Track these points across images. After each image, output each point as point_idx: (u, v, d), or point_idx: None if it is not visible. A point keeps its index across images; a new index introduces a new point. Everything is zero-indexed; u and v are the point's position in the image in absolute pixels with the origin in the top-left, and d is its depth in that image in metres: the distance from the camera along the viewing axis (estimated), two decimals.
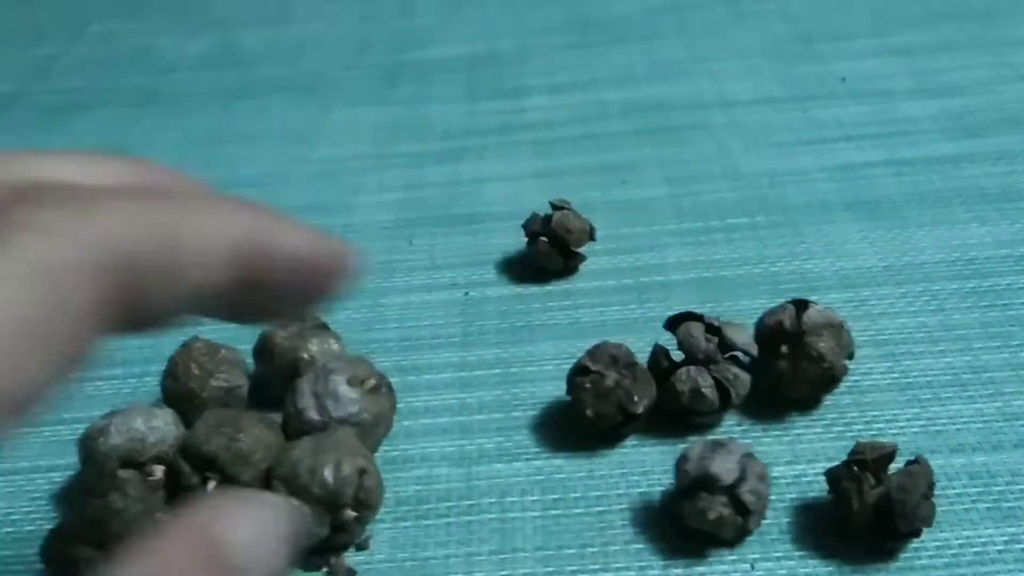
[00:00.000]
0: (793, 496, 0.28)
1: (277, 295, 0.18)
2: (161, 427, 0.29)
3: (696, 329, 0.30)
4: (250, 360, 0.33)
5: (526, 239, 0.39)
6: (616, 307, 0.36)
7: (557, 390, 0.33)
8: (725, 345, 0.30)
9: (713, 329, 0.30)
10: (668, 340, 0.31)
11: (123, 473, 0.27)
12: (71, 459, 0.31)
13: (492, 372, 0.34)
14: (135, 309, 0.16)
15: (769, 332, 0.30)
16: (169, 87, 0.59)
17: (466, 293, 0.38)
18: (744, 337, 0.30)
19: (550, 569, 0.27)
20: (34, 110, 0.58)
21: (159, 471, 0.28)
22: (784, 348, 0.30)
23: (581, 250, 0.38)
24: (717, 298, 0.36)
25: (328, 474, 0.26)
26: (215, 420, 0.28)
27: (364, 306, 0.38)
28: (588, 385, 0.29)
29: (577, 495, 0.29)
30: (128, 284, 0.15)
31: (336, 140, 0.51)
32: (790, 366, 0.30)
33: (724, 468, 0.26)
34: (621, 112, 0.51)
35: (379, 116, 0.53)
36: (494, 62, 0.58)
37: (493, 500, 0.29)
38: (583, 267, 0.39)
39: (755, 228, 0.40)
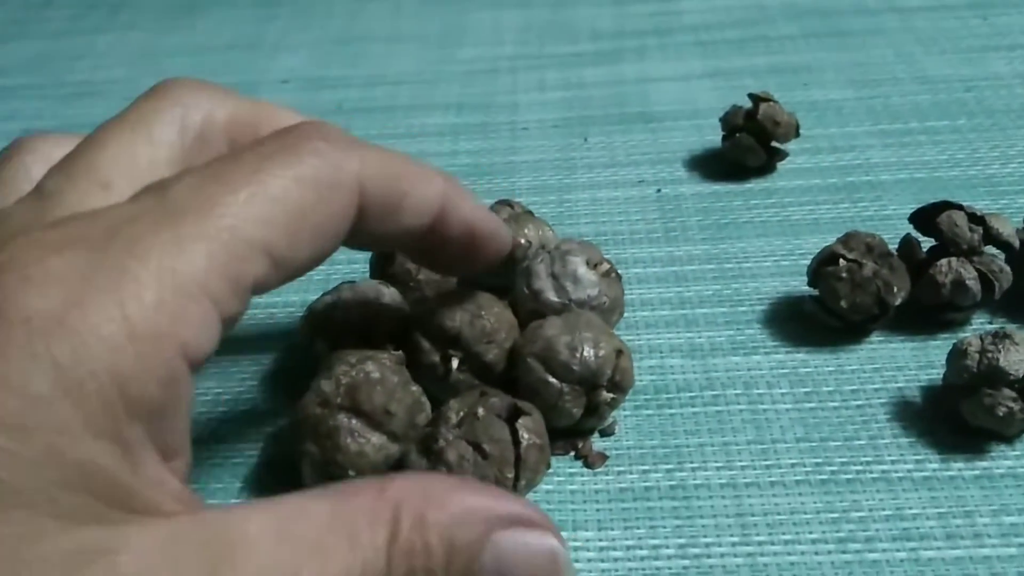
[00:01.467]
0: None
1: (450, 251, 0.24)
2: (391, 303, 0.28)
3: (959, 218, 0.28)
4: None
5: (722, 133, 0.37)
6: (827, 205, 0.34)
7: (784, 286, 0.31)
8: (989, 236, 0.28)
9: (976, 219, 0.28)
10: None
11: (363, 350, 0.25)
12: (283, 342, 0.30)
13: (706, 267, 0.32)
14: (363, 228, 0.21)
15: None
16: None
17: (658, 190, 0.36)
18: (1009, 229, 0.28)
19: (818, 460, 0.25)
20: (155, 8, 0.56)
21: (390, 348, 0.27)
22: None
23: (783, 147, 0.36)
24: (935, 198, 0.34)
25: (588, 352, 0.25)
26: (454, 297, 0.27)
27: (550, 201, 0.36)
28: (843, 274, 0.27)
29: (830, 389, 0.27)
30: (364, 207, 0.21)
31: (480, 41, 0.49)
32: None
33: (1013, 360, 0.24)
34: (784, 16, 0.48)
35: (521, 18, 0.51)
36: None
37: (739, 392, 0.27)
38: (780, 166, 0.37)
39: (960, 131, 0.38)
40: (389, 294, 0.28)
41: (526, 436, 0.23)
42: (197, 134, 0.21)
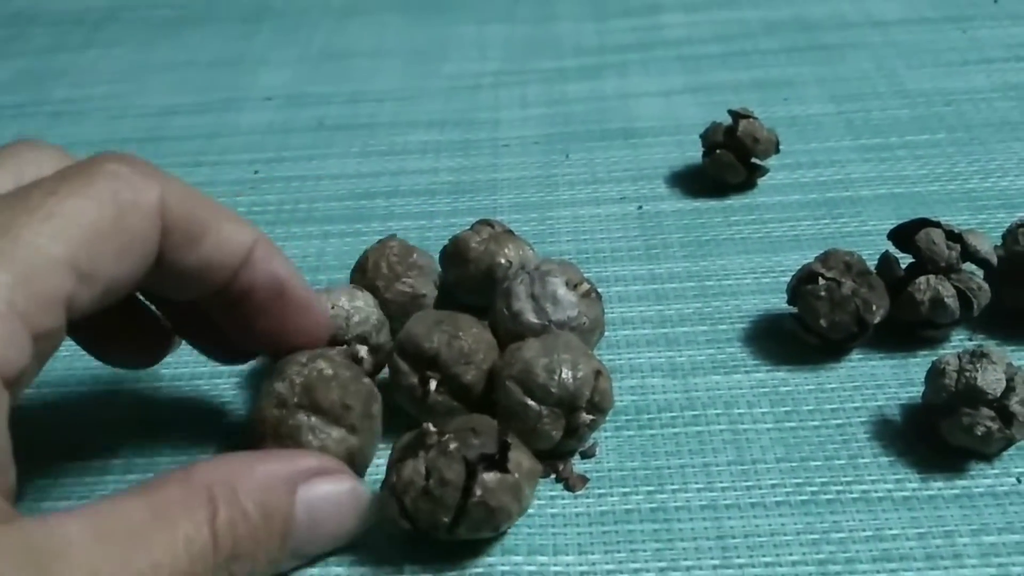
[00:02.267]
0: None
1: (258, 309, 0.24)
2: (363, 307, 0.27)
3: (937, 236, 0.28)
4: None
5: (702, 150, 0.37)
6: (808, 221, 0.34)
7: (764, 303, 0.31)
8: (966, 253, 0.28)
9: (954, 236, 0.28)
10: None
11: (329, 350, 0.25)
12: None
13: (687, 285, 0.32)
14: (166, 255, 0.21)
15: (1023, 255, 0.28)
16: (276, 4, 0.56)
17: (639, 207, 0.36)
18: (986, 246, 0.28)
19: (798, 480, 0.25)
20: (139, 25, 0.56)
21: (363, 350, 0.27)
22: None
23: (763, 163, 0.36)
24: (915, 213, 0.34)
25: (567, 374, 0.24)
26: (431, 318, 0.26)
27: (531, 219, 0.36)
28: (822, 293, 0.27)
29: (810, 408, 0.27)
30: (166, 231, 0.21)
31: (464, 57, 0.49)
32: None
33: (990, 380, 0.24)
34: (765, 31, 0.48)
35: (505, 33, 0.51)
36: None
37: (720, 411, 0.27)
38: (761, 182, 0.37)
39: (939, 145, 0.38)
40: (363, 298, 0.28)
41: (479, 492, 0.22)
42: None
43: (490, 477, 0.22)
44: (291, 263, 0.24)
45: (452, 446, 0.22)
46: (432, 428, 0.23)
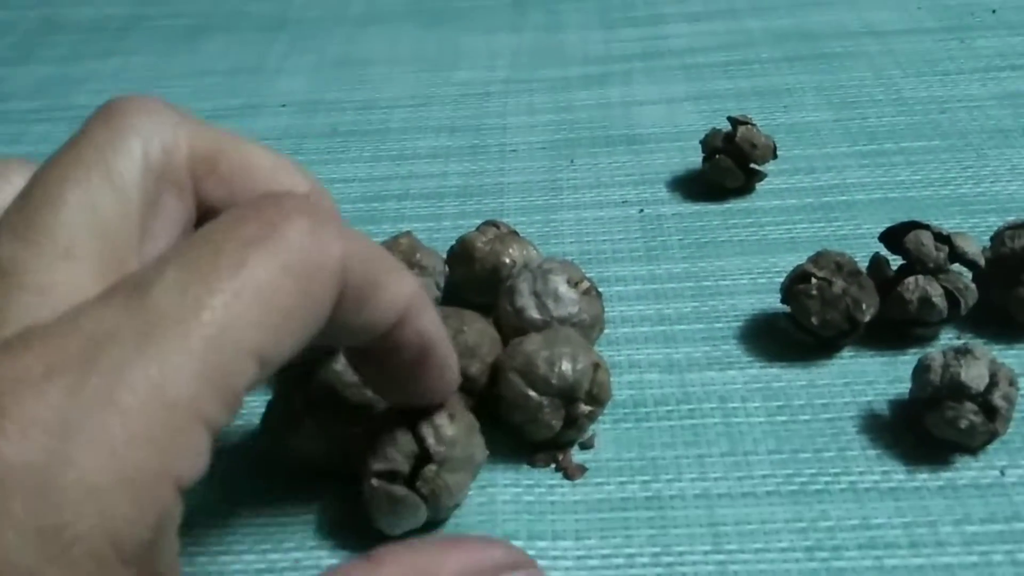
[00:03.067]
0: None
1: (397, 363, 0.22)
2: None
3: (926, 237, 0.29)
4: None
5: (702, 155, 0.38)
6: (803, 225, 0.35)
7: (759, 303, 0.32)
8: (954, 255, 0.29)
9: (942, 238, 0.29)
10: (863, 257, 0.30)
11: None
12: None
13: (685, 285, 0.33)
14: (332, 316, 0.19)
15: (1011, 256, 0.29)
16: (294, 13, 0.58)
17: (640, 211, 0.37)
18: (973, 247, 0.29)
19: (788, 471, 0.26)
20: (158, 33, 0.58)
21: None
22: None
23: (761, 168, 0.37)
24: (908, 217, 0.35)
25: (566, 366, 0.26)
26: (438, 314, 0.28)
27: (536, 221, 0.37)
28: (814, 292, 0.28)
29: (801, 403, 0.28)
30: (340, 295, 0.19)
31: (473, 65, 0.50)
32: None
33: (974, 375, 0.25)
34: (767, 40, 0.49)
35: (514, 43, 0.52)
36: None
37: (714, 405, 0.28)
38: (760, 186, 0.38)
39: (934, 152, 0.39)
40: None
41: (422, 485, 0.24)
42: (159, 174, 0.19)
43: (428, 471, 0.24)
44: (438, 319, 0.22)
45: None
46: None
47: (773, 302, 0.32)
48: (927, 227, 0.30)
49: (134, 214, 0.18)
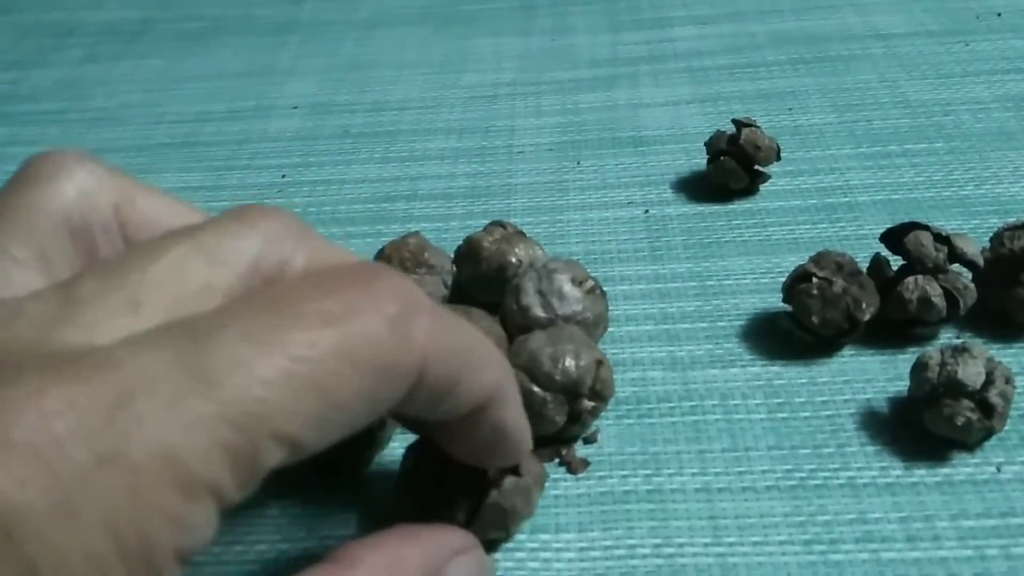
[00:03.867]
0: None
1: (468, 446, 0.21)
2: None
3: (925, 238, 0.29)
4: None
5: (707, 157, 0.38)
6: (807, 226, 0.36)
7: (762, 302, 0.32)
8: (954, 255, 0.29)
9: (942, 239, 0.29)
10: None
11: None
12: None
13: (689, 285, 0.34)
14: (400, 408, 0.18)
15: (1010, 257, 0.29)
16: (305, 16, 0.59)
17: (646, 211, 0.38)
18: (972, 248, 0.29)
19: (788, 466, 0.27)
20: (169, 36, 0.59)
21: None
22: None
23: (765, 170, 0.38)
24: (910, 218, 0.35)
25: (570, 363, 0.26)
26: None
27: (543, 222, 0.38)
28: (815, 291, 0.29)
29: (802, 400, 0.29)
30: (414, 389, 0.17)
31: (481, 68, 0.51)
32: None
33: (971, 373, 0.26)
34: (772, 43, 0.50)
35: (521, 46, 0.53)
36: None
37: (716, 402, 0.29)
38: (764, 188, 0.38)
39: (937, 154, 0.40)
40: None
41: (494, 496, 0.23)
42: (267, 277, 0.18)
43: (505, 480, 0.24)
44: (519, 407, 0.21)
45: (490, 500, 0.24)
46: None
47: (775, 301, 0.32)
48: (927, 228, 0.30)
49: (221, 293, 0.17)
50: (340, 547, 0.18)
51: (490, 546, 0.25)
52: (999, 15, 0.51)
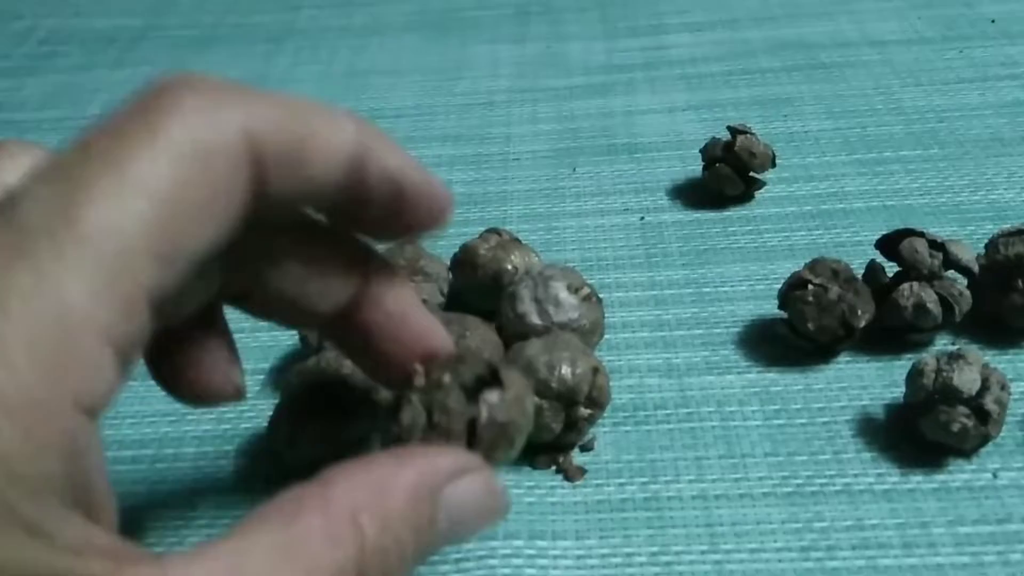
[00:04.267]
0: (1023, 411, 0.28)
1: (374, 212, 0.19)
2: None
3: (920, 244, 0.29)
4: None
5: (702, 164, 0.38)
6: (801, 232, 0.36)
7: (758, 309, 0.33)
8: (948, 261, 0.29)
9: (937, 245, 0.29)
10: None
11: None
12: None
13: (684, 291, 0.34)
14: (265, 190, 0.17)
15: (1005, 263, 0.29)
16: (300, 24, 0.59)
17: (641, 218, 0.38)
18: (967, 254, 0.29)
19: (784, 473, 0.27)
20: (167, 43, 0.59)
21: None
22: (1021, 282, 0.29)
23: (760, 176, 0.38)
24: (906, 225, 0.35)
25: (566, 370, 0.26)
26: (441, 319, 0.28)
27: (539, 228, 0.38)
28: (810, 298, 0.29)
29: (798, 407, 0.29)
30: (260, 164, 0.17)
31: (477, 75, 0.51)
32: None
33: (966, 380, 0.26)
34: (767, 50, 0.50)
35: (517, 53, 0.53)
36: (625, 1, 0.58)
37: (712, 409, 0.29)
38: (759, 194, 0.38)
39: (931, 160, 0.40)
40: None
41: (485, 413, 0.21)
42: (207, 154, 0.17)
43: (492, 395, 0.21)
44: (403, 152, 0.19)
45: (445, 379, 0.21)
46: (419, 368, 0.22)
47: (771, 308, 0.32)
48: (922, 234, 0.30)
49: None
50: (330, 468, 0.18)
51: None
52: (993, 22, 0.51)
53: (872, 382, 0.29)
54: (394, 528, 0.17)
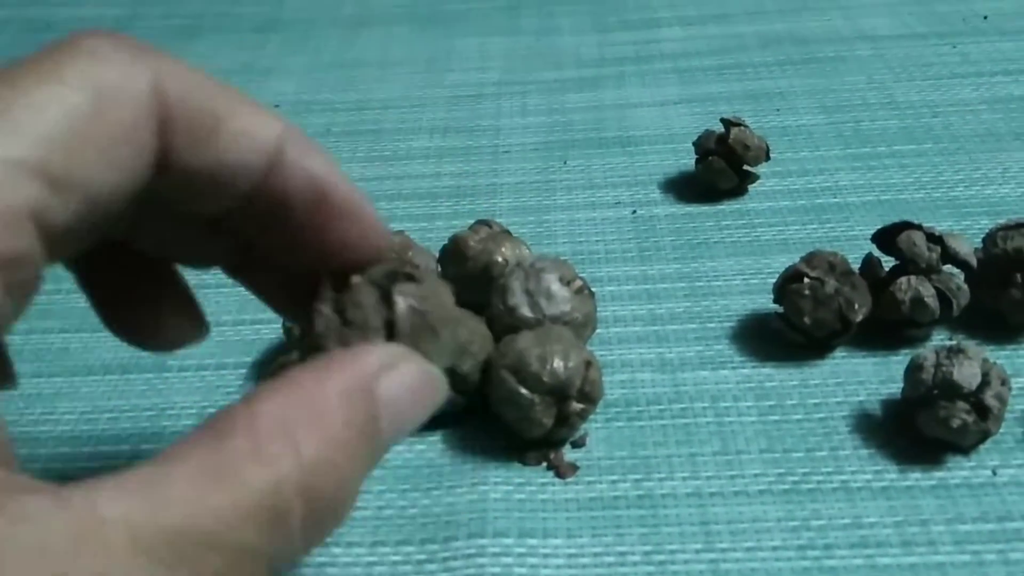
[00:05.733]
0: (1023, 408, 0.27)
1: (294, 219, 0.19)
2: None
3: (918, 238, 0.29)
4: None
5: (695, 157, 0.38)
6: (796, 226, 0.35)
7: (752, 303, 0.32)
8: (947, 255, 0.29)
9: (935, 238, 0.29)
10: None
11: None
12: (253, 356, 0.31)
13: (678, 286, 0.33)
14: (173, 154, 0.17)
15: (1003, 257, 0.29)
16: (287, 14, 0.58)
17: (633, 212, 0.37)
18: (966, 248, 0.29)
19: (780, 470, 0.26)
20: (151, 33, 0.57)
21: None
22: (1020, 276, 0.28)
23: (754, 170, 0.37)
24: (900, 219, 0.35)
25: (558, 364, 0.26)
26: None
27: (529, 222, 0.37)
28: (806, 292, 0.28)
29: (794, 402, 0.28)
30: (168, 123, 0.17)
31: (467, 67, 0.50)
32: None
33: (967, 374, 0.25)
34: (760, 44, 0.50)
35: (507, 46, 0.52)
36: None
37: (706, 405, 0.28)
38: (753, 188, 0.38)
39: (926, 155, 0.39)
40: None
41: (401, 301, 0.19)
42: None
43: (406, 287, 0.20)
44: (332, 159, 0.19)
45: (354, 280, 0.20)
46: (326, 278, 0.20)
47: (765, 303, 0.32)
48: (919, 227, 0.30)
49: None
50: (258, 386, 0.17)
51: (472, 526, 0.24)
52: (985, 18, 0.51)
53: (869, 377, 0.29)
54: (336, 438, 0.16)
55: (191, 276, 0.22)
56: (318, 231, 0.19)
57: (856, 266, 0.30)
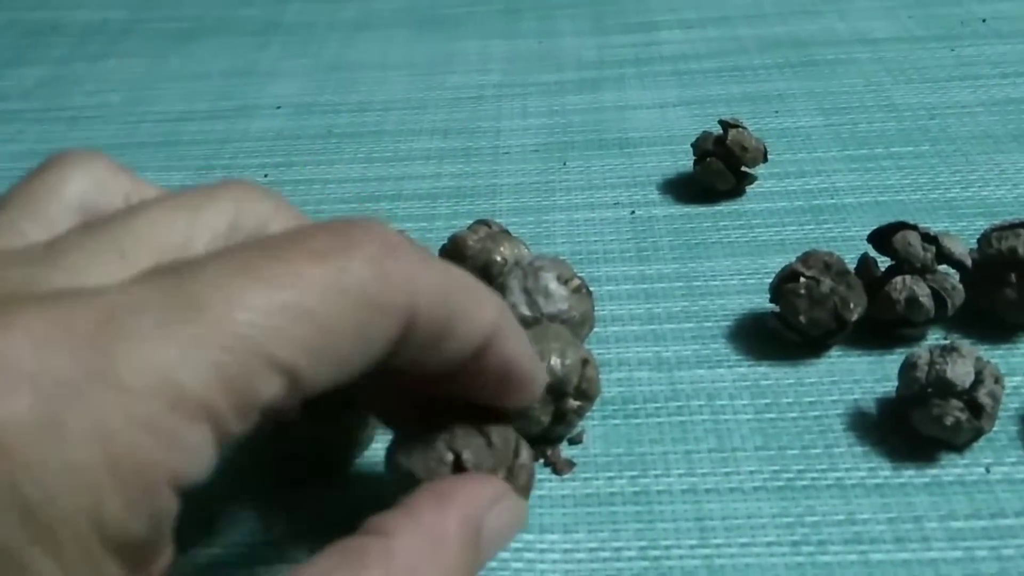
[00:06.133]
0: (1016, 406, 0.27)
1: (478, 387, 0.21)
2: None
3: (913, 238, 0.29)
4: None
5: (694, 158, 0.38)
6: (793, 227, 0.36)
7: (748, 303, 0.32)
8: (941, 255, 0.29)
9: (929, 238, 0.29)
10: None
11: None
12: None
13: (675, 285, 0.33)
14: (403, 353, 0.17)
15: (998, 257, 0.29)
16: (288, 17, 0.59)
17: (632, 212, 0.38)
18: (960, 248, 0.29)
19: (775, 467, 0.26)
20: (153, 36, 0.58)
21: None
22: (1014, 276, 0.29)
23: (752, 171, 0.37)
24: (897, 220, 0.36)
25: (555, 361, 0.26)
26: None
27: (529, 222, 0.38)
28: (802, 291, 0.29)
29: (789, 400, 0.28)
30: (410, 330, 0.17)
31: (467, 69, 0.51)
32: (1019, 295, 0.29)
33: (960, 373, 0.26)
34: (758, 47, 0.50)
35: (507, 48, 0.53)
36: None
37: (702, 403, 0.28)
38: (750, 189, 0.38)
39: (923, 157, 0.39)
40: None
41: (525, 454, 0.22)
42: (247, 236, 0.19)
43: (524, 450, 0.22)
44: (524, 340, 0.21)
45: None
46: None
47: (762, 302, 0.32)
48: (915, 227, 0.30)
49: (202, 248, 0.18)
50: (372, 518, 0.18)
51: None
52: (984, 21, 0.51)
53: (864, 376, 0.29)
54: (449, 568, 0.18)
55: None
56: (490, 396, 0.21)
57: (852, 266, 0.31)
